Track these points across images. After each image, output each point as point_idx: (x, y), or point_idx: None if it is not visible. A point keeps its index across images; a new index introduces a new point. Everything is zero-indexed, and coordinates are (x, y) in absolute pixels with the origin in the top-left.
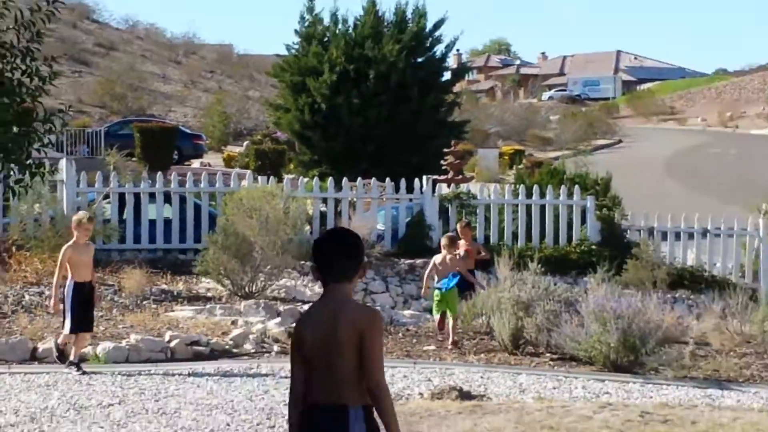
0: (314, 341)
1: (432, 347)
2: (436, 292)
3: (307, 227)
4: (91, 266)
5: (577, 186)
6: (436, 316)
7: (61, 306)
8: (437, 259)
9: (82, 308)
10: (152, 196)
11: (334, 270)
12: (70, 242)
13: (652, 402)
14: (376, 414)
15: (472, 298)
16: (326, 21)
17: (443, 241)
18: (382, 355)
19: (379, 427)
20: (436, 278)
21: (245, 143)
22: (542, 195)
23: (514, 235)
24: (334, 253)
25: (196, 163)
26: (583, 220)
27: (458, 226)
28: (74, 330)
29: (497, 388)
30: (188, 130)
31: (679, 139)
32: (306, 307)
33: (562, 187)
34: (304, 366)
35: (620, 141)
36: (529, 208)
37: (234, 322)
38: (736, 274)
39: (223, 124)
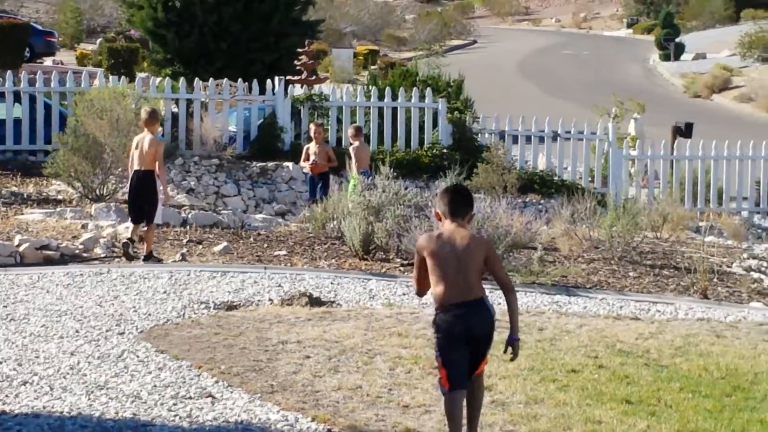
0: (450, 257)
1: (283, 252)
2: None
3: (159, 128)
4: (151, 157)
5: (429, 88)
6: None
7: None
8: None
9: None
10: (1, 96)
11: (462, 212)
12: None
13: (500, 308)
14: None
15: (323, 201)
16: None
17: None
18: None
19: None
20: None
21: (98, 41)
22: (394, 97)
23: (366, 138)
24: (465, 202)
25: (48, 61)
26: (435, 123)
27: (311, 126)
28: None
29: (347, 294)
30: (40, 27)
31: (534, 39)
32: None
33: (415, 89)
34: (434, 273)
35: (475, 42)
36: (381, 110)
37: (84, 226)
38: (585, 178)
39: (76, 20)
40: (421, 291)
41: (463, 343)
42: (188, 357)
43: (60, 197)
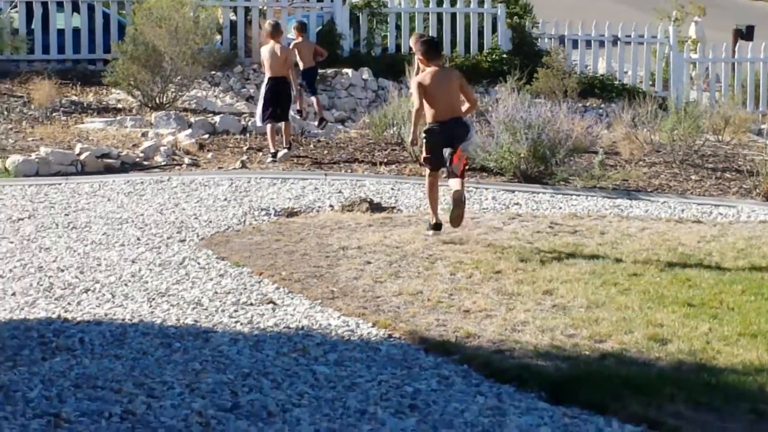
0: (439, 87)
1: (343, 158)
2: None
3: (218, 37)
4: (282, 64)
5: None
6: None
7: None
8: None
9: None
10: (60, 5)
11: (437, 56)
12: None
13: (561, 213)
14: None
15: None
16: None
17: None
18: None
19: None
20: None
21: None
22: (453, 3)
23: None
24: (437, 49)
25: None
26: (494, 29)
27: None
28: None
29: (408, 199)
30: None
31: None
32: (217, 118)
33: None
34: (427, 101)
35: None
36: (440, 16)
37: (144, 134)
38: (646, 82)
39: None
40: (419, 116)
41: (444, 144)
42: (249, 263)
43: (120, 106)
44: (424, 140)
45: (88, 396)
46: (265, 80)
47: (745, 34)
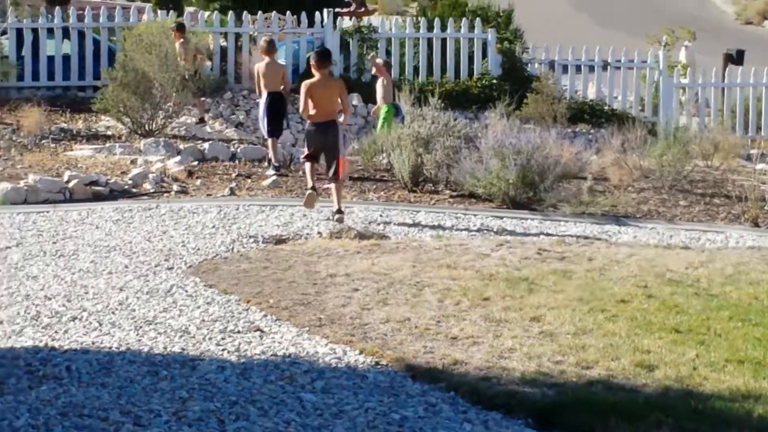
0: (321, 92)
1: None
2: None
3: (208, 63)
4: (278, 80)
5: (478, 18)
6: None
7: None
8: None
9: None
10: (51, 32)
11: (323, 66)
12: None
13: (550, 239)
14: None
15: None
16: None
17: None
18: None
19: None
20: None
21: None
22: (444, 28)
23: (416, 70)
24: (325, 59)
25: None
26: (485, 54)
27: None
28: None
29: (396, 226)
30: None
31: None
32: (206, 145)
33: (464, 19)
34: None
35: None
36: (430, 41)
37: (134, 161)
38: (636, 107)
39: None
40: (305, 113)
41: (320, 141)
42: (237, 291)
43: (109, 133)
44: (305, 141)
45: (75, 424)
46: (264, 96)
47: (735, 58)
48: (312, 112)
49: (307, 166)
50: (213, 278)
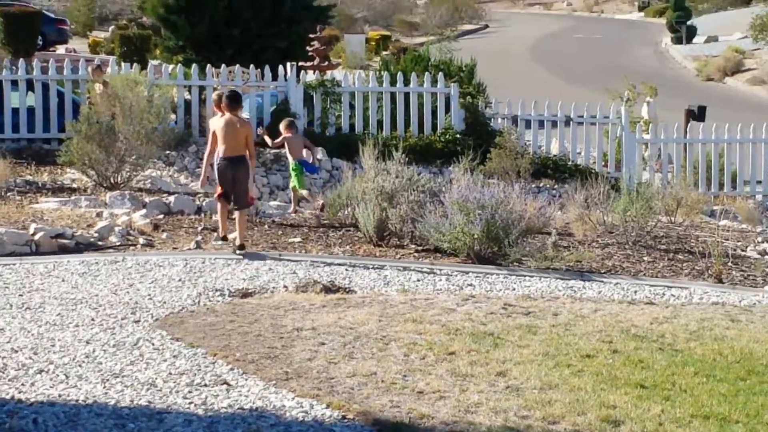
0: (228, 130)
1: (298, 239)
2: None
3: (172, 116)
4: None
5: (441, 73)
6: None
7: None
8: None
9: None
10: (15, 84)
11: (233, 107)
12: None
13: (515, 294)
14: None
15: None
16: None
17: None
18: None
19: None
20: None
21: (111, 28)
22: (407, 82)
23: (380, 124)
24: (236, 101)
25: (61, 49)
26: (448, 109)
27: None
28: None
29: (362, 280)
30: (52, 15)
31: (545, 24)
32: (171, 198)
33: (427, 74)
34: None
35: (487, 26)
36: (393, 95)
37: (99, 214)
38: (599, 163)
39: (88, 8)
40: (211, 153)
41: (230, 175)
42: (203, 344)
43: (75, 185)
44: (217, 179)
45: None
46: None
47: (697, 114)
48: (221, 147)
49: (220, 208)
50: (180, 331)
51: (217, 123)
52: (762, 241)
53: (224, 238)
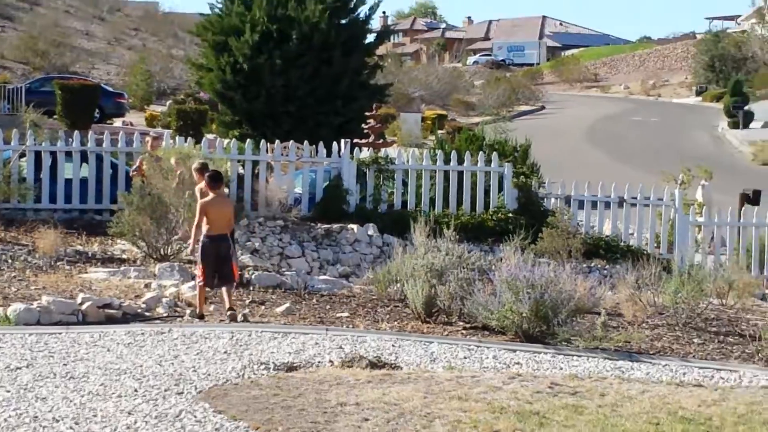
0: (216, 210)
1: (345, 314)
2: None
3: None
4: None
5: (495, 152)
6: None
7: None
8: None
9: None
10: (69, 155)
11: (217, 186)
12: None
13: (562, 373)
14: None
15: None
16: None
17: None
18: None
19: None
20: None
21: (168, 102)
22: (460, 161)
23: (432, 201)
24: (218, 180)
25: (118, 122)
26: (501, 188)
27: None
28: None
29: (408, 356)
30: (110, 89)
31: (602, 106)
32: None
33: (481, 153)
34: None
35: (543, 107)
36: (447, 173)
37: (147, 285)
38: (651, 244)
39: (146, 82)
40: (198, 226)
41: (214, 253)
42: (246, 418)
43: (124, 256)
44: (201, 260)
45: None
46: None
47: (752, 198)
48: (207, 227)
49: (200, 290)
50: (223, 404)
51: (210, 203)
52: None
53: (201, 317)
